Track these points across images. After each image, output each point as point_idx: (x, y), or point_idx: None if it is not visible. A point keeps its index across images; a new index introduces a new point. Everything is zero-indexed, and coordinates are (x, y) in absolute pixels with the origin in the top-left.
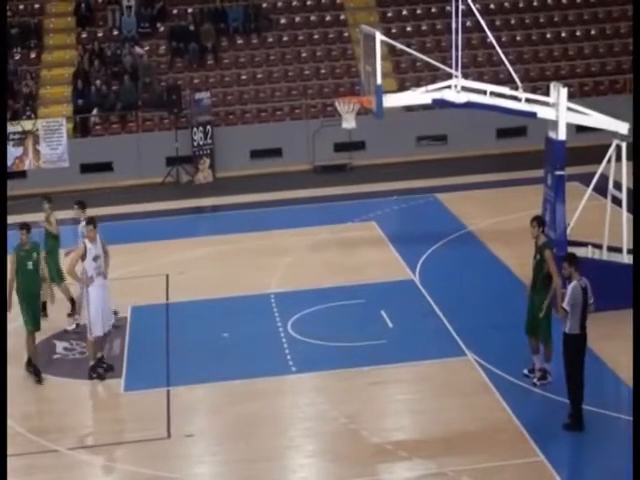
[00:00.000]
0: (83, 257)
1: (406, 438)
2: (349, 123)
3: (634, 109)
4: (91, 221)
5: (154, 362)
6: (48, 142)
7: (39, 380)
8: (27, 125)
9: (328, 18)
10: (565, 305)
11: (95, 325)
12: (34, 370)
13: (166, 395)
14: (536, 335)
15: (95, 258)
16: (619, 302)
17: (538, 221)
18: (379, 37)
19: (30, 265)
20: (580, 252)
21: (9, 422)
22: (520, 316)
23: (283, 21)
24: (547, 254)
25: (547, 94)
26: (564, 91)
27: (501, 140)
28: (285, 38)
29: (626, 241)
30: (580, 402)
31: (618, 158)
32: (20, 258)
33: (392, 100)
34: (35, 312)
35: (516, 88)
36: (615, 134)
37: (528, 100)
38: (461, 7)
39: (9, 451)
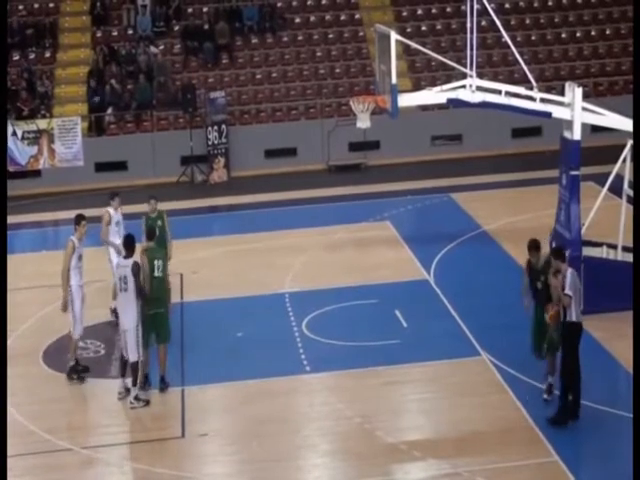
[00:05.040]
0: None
1: (420, 438)
2: (364, 122)
3: (634, 109)
4: (81, 217)
5: (168, 361)
6: (63, 141)
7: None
8: (42, 124)
9: (343, 17)
10: (567, 291)
11: (76, 326)
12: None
13: (180, 394)
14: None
15: (80, 257)
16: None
17: (537, 246)
18: (394, 36)
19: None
20: (595, 252)
21: (22, 421)
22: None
23: (298, 20)
24: (553, 273)
25: (562, 94)
26: (579, 91)
27: (516, 140)
28: (300, 37)
29: None
30: (580, 391)
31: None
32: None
33: (407, 99)
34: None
35: (531, 88)
36: (630, 134)
37: (543, 100)
38: (476, 6)
39: (23, 450)
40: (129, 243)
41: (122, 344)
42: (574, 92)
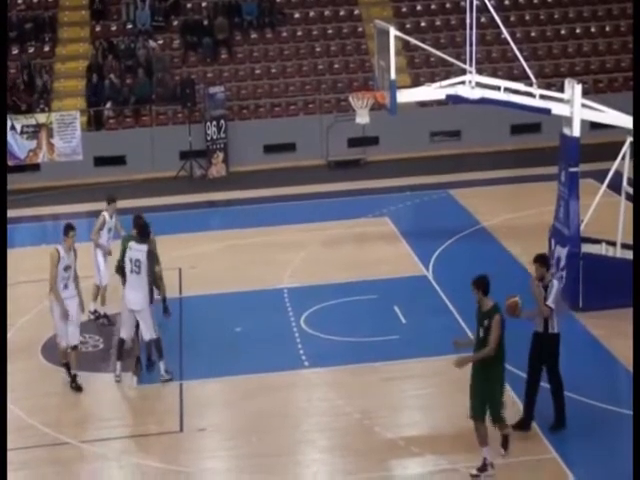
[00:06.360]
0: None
1: (418, 434)
2: (363, 118)
3: (634, 106)
4: (70, 228)
5: (167, 356)
6: (62, 135)
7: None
8: (41, 118)
9: (342, 13)
10: (550, 303)
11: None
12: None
13: (179, 389)
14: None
15: (66, 268)
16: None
17: (477, 285)
18: (393, 32)
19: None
20: (594, 249)
21: (21, 415)
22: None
23: (297, 15)
24: (496, 320)
25: (561, 90)
26: (578, 87)
27: (515, 136)
28: (299, 33)
29: None
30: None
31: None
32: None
33: (406, 95)
34: None
35: (530, 84)
36: (629, 131)
37: (542, 96)
38: (475, 3)
39: (21, 444)
40: (144, 228)
41: (126, 325)
42: (573, 89)
